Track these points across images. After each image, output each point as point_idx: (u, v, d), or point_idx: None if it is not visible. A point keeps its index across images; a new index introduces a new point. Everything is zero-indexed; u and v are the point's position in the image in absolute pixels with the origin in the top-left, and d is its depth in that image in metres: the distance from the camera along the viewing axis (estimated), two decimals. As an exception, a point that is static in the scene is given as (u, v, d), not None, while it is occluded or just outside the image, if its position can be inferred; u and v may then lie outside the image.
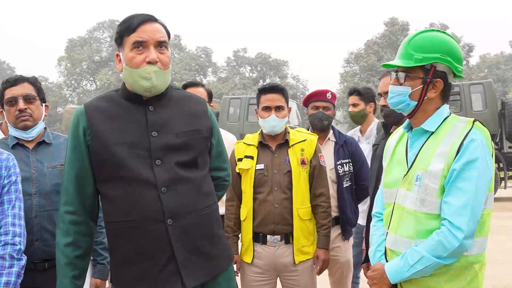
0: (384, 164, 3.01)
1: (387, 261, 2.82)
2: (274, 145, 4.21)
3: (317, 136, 4.44)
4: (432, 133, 2.71)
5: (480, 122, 2.68)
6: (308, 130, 4.89)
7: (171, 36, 2.88)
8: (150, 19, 2.68)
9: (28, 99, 3.47)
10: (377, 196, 3.14)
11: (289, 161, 4.13)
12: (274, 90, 4.19)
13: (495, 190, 17.45)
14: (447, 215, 2.55)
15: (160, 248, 2.59)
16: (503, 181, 18.63)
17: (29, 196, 3.33)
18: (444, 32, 2.84)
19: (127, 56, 2.64)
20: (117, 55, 2.73)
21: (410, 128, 2.85)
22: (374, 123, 5.96)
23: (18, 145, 3.48)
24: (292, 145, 4.19)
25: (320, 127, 4.86)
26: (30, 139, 3.50)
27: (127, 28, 2.64)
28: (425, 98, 2.71)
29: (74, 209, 2.70)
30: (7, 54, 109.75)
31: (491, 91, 18.31)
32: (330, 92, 4.93)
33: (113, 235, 2.69)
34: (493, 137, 17.63)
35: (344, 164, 4.81)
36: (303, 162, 4.15)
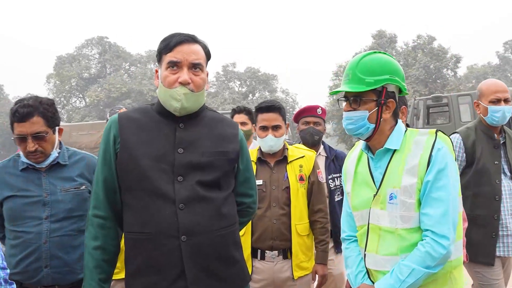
0: (347, 187, 2.99)
1: (372, 281, 2.82)
2: (273, 161, 4.25)
3: (315, 153, 4.49)
4: (396, 150, 2.75)
5: (442, 132, 2.74)
6: (300, 143, 4.92)
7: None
8: (188, 40, 2.73)
9: (38, 137, 3.23)
10: (343, 219, 3.13)
11: (287, 177, 4.16)
12: (271, 109, 4.21)
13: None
14: (428, 225, 2.59)
15: (171, 263, 2.61)
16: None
17: (40, 221, 3.21)
18: (386, 53, 2.88)
19: (163, 74, 2.71)
20: (156, 71, 2.80)
21: (368, 149, 2.88)
22: None
23: (29, 167, 3.32)
24: (290, 162, 4.22)
25: (312, 142, 4.92)
26: (43, 166, 3.33)
27: (165, 46, 2.71)
28: (381, 120, 2.75)
29: (103, 214, 2.75)
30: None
31: (479, 102, 18.41)
32: (320, 108, 5.02)
33: (129, 245, 2.73)
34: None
35: (336, 178, 4.87)
36: (301, 178, 4.19)
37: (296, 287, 4.16)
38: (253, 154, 4.26)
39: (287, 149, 4.30)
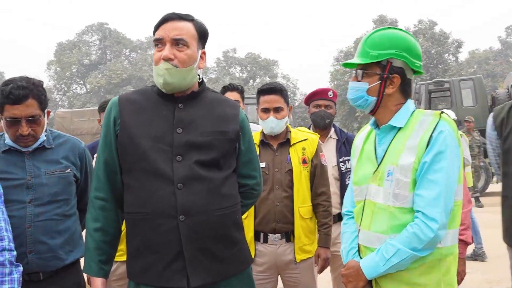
0: (353, 162, 3.02)
1: (360, 258, 2.82)
2: (276, 144, 4.23)
3: (319, 135, 4.47)
4: (400, 128, 2.74)
5: (447, 114, 2.73)
6: (309, 128, 4.93)
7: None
8: (172, 17, 2.73)
9: (33, 120, 3.11)
10: (346, 194, 3.14)
11: (290, 160, 4.16)
12: (273, 91, 4.19)
13: (487, 184, 17.57)
14: (420, 207, 2.57)
15: (169, 243, 2.61)
16: (495, 176, 18.73)
17: (23, 205, 3.09)
18: (402, 30, 2.88)
19: (154, 54, 2.74)
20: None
21: (376, 125, 2.88)
22: None
23: (11, 148, 3.17)
24: (293, 144, 4.21)
25: (323, 125, 4.92)
26: (30, 149, 3.20)
27: (155, 26, 2.73)
28: (384, 94, 2.76)
29: (104, 196, 2.76)
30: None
31: (481, 86, 18.42)
32: (331, 91, 5.00)
33: (128, 226, 2.73)
34: (483, 131, 17.67)
35: (346, 161, 4.85)
36: (304, 161, 4.18)
37: (298, 270, 4.15)
38: (256, 137, 4.23)
39: (290, 131, 4.29)
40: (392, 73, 2.74)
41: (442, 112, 2.73)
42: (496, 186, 18.47)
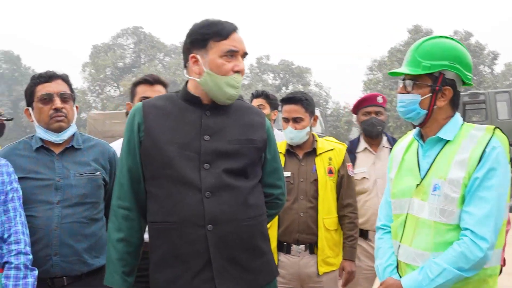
0: (391, 174, 2.91)
1: (399, 275, 2.72)
2: (301, 153, 4.17)
3: (346, 146, 4.39)
4: (448, 141, 2.65)
5: (500, 130, 2.61)
6: (359, 138, 4.81)
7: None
8: (237, 28, 2.71)
9: (64, 98, 3.19)
10: (381, 207, 3.03)
11: (316, 170, 4.09)
12: (292, 101, 4.14)
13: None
14: (469, 225, 2.46)
15: (197, 253, 2.56)
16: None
17: (51, 206, 3.07)
18: (453, 39, 2.77)
19: (215, 62, 2.64)
20: (193, 57, 2.70)
21: (420, 136, 2.78)
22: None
23: (42, 148, 3.19)
24: (319, 154, 4.15)
25: (375, 133, 4.68)
26: (61, 142, 3.19)
27: (218, 33, 2.64)
28: (434, 107, 2.65)
29: (127, 205, 2.70)
30: (32, 61, 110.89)
31: (517, 100, 18.16)
32: (380, 96, 4.77)
33: (153, 235, 2.67)
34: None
35: None
36: (330, 171, 4.11)
37: (321, 283, 4.08)
38: (282, 146, 4.19)
39: (317, 141, 4.22)
40: (444, 85, 2.64)
41: (496, 128, 2.62)
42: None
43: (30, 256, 2.85)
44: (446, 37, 2.76)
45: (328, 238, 4.06)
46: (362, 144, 4.77)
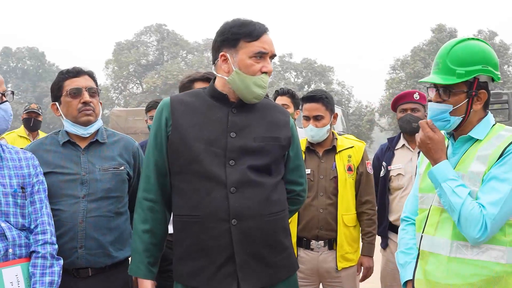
0: (421, 169, 2.94)
1: (415, 266, 2.77)
2: (321, 150, 4.23)
3: (365, 144, 4.41)
4: (477, 140, 2.67)
5: None
6: (399, 136, 4.82)
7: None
8: (268, 30, 2.76)
9: (92, 92, 3.27)
10: (408, 200, 3.08)
11: (335, 167, 4.14)
12: (312, 100, 4.19)
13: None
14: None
15: (221, 247, 2.62)
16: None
17: (77, 200, 3.12)
18: (479, 39, 2.77)
19: (244, 62, 2.70)
20: (223, 55, 2.74)
21: (451, 135, 2.80)
22: None
23: (68, 143, 3.25)
24: (339, 151, 4.19)
25: (409, 130, 4.64)
26: (87, 135, 3.26)
27: (249, 34, 2.69)
28: (471, 111, 2.66)
29: (153, 197, 2.78)
30: (56, 57, 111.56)
31: (540, 100, 17.95)
32: (417, 93, 4.73)
33: (178, 228, 2.74)
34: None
35: None
36: (349, 169, 4.16)
37: (340, 278, 4.14)
38: (302, 144, 4.21)
39: (337, 139, 4.27)
40: (479, 89, 2.65)
41: None
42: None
43: (56, 246, 2.92)
44: (473, 39, 2.75)
45: (347, 234, 4.11)
46: (401, 141, 4.78)
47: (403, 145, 4.74)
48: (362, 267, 4.23)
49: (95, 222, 3.12)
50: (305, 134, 4.23)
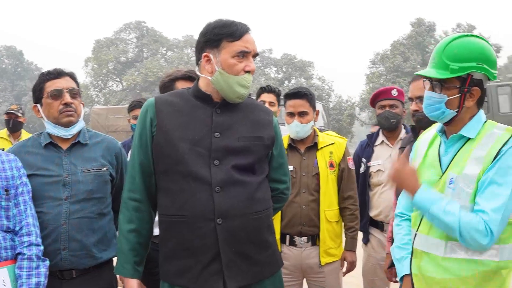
0: (414, 165, 2.93)
1: (410, 263, 2.80)
2: (303, 147, 4.25)
3: (346, 140, 4.45)
4: (469, 138, 2.68)
5: None
6: (378, 131, 4.86)
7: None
8: (249, 29, 2.78)
9: (73, 93, 3.26)
10: (401, 197, 3.09)
11: (317, 164, 4.16)
12: (297, 96, 4.20)
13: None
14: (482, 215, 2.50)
15: (207, 246, 2.64)
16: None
17: (59, 202, 3.11)
18: (478, 36, 2.77)
19: (227, 62, 2.71)
20: (206, 56, 2.76)
21: (443, 132, 2.82)
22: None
23: (50, 145, 3.25)
24: (321, 148, 4.22)
25: (388, 126, 4.70)
26: (69, 136, 3.25)
27: (231, 34, 2.71)
28: (463, 107, 2.67)
29: (139, 197, 2.79)
30: (35, 56, 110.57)
31: (519, 93, 18.15)
32: (395, 89, 4.76)
33: (164, 228, 2.76)
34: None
35: None
36: (331, 165, 4.18)
37: (323, 273, 4.17)
38: (284, 141, 4.24)
39: (318, 135, 4.29)
40: (472, 85, 2.66)
41: None
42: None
43: (41, 247, 2.93)
44: (472, 35, 2.77)
45: (330, 230, 4.14)
46: (380, 137, 4.82)
47: (382, 141, 4.79)
48: (345, 262, 4.27)
49: (78, 223, 3.12)
50: (289, 130, 4.25)
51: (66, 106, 3.23)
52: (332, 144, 4.26)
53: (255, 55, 2.78)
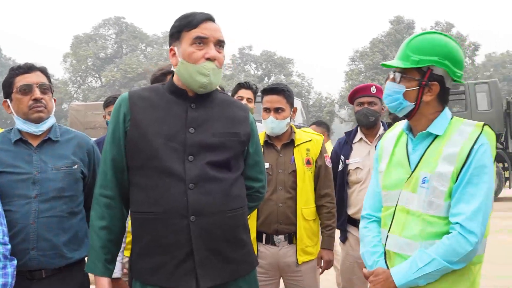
0: (381, 165, 2.94)
1: (387, 265, 2.77)
2: (280, 144, 4.20)
3: (323, 137, 4.42)
4: (437, 136, 2.70)
5: (489, 126, 2.66)
6: (357, 128, 4.83)
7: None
8: (211, 18, 2.73)
9: (43, 88, 3.18)
10: (367, 197, 3.08)
11: (294, 161, 4.13)
12: (274, 92, 4.16)
13: (499, 189, 17.46)
14: (459, 219, 2.50)
15: (179, 243, 2.59)
16: (507, 181, 18.61)
17: (28, 200, 3.04)
18: (447, 35, 2.79)
19: (186, 51, 2.67)
20: (171, 50, 2.74)
21: (410, 130, 2.82)
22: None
23: (20, 141, 3.17)
24: (297, 145, 4.18)
25: (366, 123, 4.67)
26: (40, 133, 3.17)
27: (188, 23, 2.67)
28: (421, 101, 2.69)
29: (110, 193, 2.73)
30: (12, 52, 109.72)
31: (496, 91, 18.32)
32: (374, 86, 4.73)
33: (136, 225, 2.70)
34: (498, 136, 17.63)
35: None
36: (308, 162, 4.14)
37: (300, 272, 4.13)
38: (260, 137, 4.19)
39: (295, 132, 4.25)
40: (431, 80, 2.68)
41: (486, 124, 2.66)
42: (508, 191, 18.42)
43: (9, 246, 2.85)
44: (440, 33, 2.79)
45: (307, 228, 4.10)
46: (358, 135, 4.79)
47: (361, 138, 4.76)
48: (322, 261, 4.23)
49: (48, 222, 3.05)
50: (265, 126, 4.21)
51: (36, 101, 3.15)
52: (309, 141, 4.22)
53: (219, 42, 2.71)
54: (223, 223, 2.65)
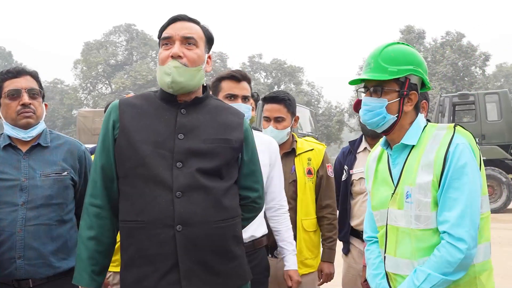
0: (368, 186, 2.91)
1: (389, 285, 2.72)
2: (280, 153, 4.07)
3: (325, 146, 4.34)
4: (414, 146, 2.64)
5: (461, 126, 2.61)
6: (361, 138, 4.72)
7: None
8: (182, 18, 2.71)
9: (32, 94, 3.13)
10: (365, 220, 3.03)
11: (295, 170, 4.05)
12: (275, 100, 4.09)
13: (509, 200, 17.29)
14: (445, 227, 2.45)
15: (165, 254, 2.51)
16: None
17: (15, 207, 2.99)
18: (407, 44, 2.80)
19: (159, 55, 2.68)
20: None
21: (387, 145, 2.77)
22: None
23: (9, 147, 3.12)
24: (299, 154, 4.11)
25: (371, 133, 4.51)
26: (29, 139, 3.13)
27: (161, 29, 2.70)
28: (402, 112, 2.65)
29: (100, 203, 2.67)
30: (24, 58, 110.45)
31: (506, 101, 18.19)
32: None
33: (123, 235, 2.63)
34: (507, 146, 17.51)
35: None
36: (309, 172, 4.07)
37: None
38: (261, 146, 4.14)
39: (296, 141, 4.17)
40: (410, 90, 2.66)
41: (457, 125, 2.61)
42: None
43: None
44: (402, 43, 2.79)
45: (307, 240, 4.02)
46: (363, 144, 4.68)
47: (365, 148, 4.65)
48: (322, 274, 4.14)
49: (35, 230, 2.99)
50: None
51: (24, 107, 3.10)
52: (311, 150, 4.15)
53: (186, 39, 2.65)
54: (210, 234, 2.56)
